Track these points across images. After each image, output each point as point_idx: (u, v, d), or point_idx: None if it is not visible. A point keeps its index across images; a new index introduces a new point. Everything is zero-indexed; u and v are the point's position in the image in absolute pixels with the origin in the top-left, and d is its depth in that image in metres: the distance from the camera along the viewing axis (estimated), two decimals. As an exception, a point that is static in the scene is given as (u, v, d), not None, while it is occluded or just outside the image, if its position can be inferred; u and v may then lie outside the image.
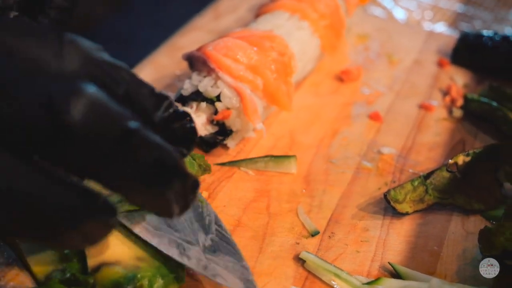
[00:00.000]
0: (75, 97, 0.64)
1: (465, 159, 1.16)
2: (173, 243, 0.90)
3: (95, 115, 0.64)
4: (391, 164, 1.21)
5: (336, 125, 1.30)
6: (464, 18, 1.85)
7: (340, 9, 1.43)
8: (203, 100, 1.16)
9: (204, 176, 1.12)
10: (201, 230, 0.94)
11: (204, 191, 1.09)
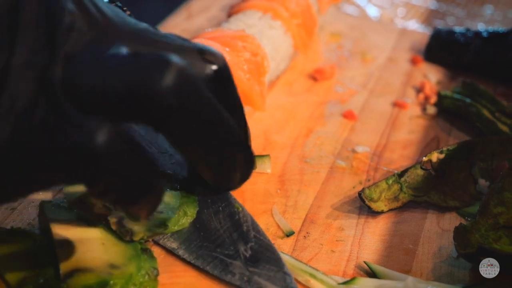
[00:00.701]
0: (167, 67, 0.70)
1: (439, 156, 1.17)
2: (217, 261, 0.92)
3: (183, 83, 0.71)
4: (366, 163, 1.21)
5: (310, 124, 1.30)
6: (437, 15, 1.85)
7: (312, 8, 1.42)
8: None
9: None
10: (240, 240, 0.95)
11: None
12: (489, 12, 1.90)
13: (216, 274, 0.91)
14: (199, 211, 0.98)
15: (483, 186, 1.15)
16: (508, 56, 1.43)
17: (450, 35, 1.53)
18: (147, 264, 0.90)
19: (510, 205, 1.09)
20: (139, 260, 0.90)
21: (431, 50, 1.54)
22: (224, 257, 0.92)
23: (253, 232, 0.97)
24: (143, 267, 0.89)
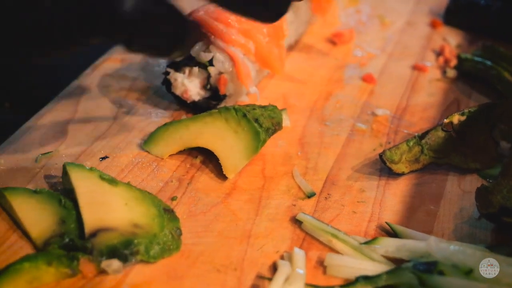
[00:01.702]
0: None
1: (460, 118, 1.16)
2: None
3: None
4: (386, 125, 1.20)
5: (330, 87, 1.29)
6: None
7: (329, -29, 1.42)
8: (196, 65, 1.15)
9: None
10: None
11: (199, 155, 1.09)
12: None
13: None
14: None
15: (504, 148, 1.15)
16: (529, 18, 1.42)
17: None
18: (170, 224, 0.91)
19: (532, 167, 1.09)
20: (163, 220, 0.90)
21: (450, 13, 1.53)
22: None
23: None
24: (167, 226, 0.90)
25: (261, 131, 1.07)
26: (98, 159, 1.06)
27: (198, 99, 1.17)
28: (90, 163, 1.04)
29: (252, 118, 1.08)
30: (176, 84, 1.16)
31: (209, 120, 1.08)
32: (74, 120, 1.15)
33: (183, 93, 1.16)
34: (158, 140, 1.09)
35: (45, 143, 1.09)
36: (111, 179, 0.94)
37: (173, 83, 1.16)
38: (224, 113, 1.08)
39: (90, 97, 1.21)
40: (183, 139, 1.08)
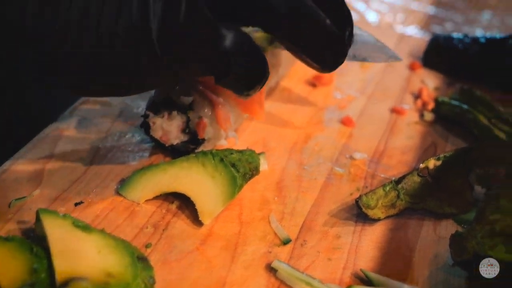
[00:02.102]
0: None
1: (436, 163, 1.17)
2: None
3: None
4: (363, 169, 1.21)
5: (309, 130, 1.30)
6: (435, 20, 1.86)
7: (311, 14, 1.43)
8: (175, 109, 1.15)
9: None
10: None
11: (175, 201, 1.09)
12: (487, 17, 1.90)
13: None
14: None
15: (479, 192, 1.15)
16: (506, 62, 1.44)
17: (448, 41, 1.53)
18: (144, 273, 0.91)
19: (507, 212, 1.09)
20: (136, 268, 0.90)
21: (429, 56, 1.54)
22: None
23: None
24: (140, 276, 0.89)
25: (238, 176, 1.08)
26: (73, 204, 1.06)
27: (176, 143, 1.17)
28: (64, 209, 1.04)
29: (229, 163, 1.09)
30: (155, 127, 1.16)
31: (186, 165, 1.09)
32: (50, 163, 1.15)
33: (162, 136, 1.16)
34: (134, 185, 1.09)
35: (19, 188, 1.09)
36: (85, 226, 0.94)
37: (152, 126, 1.16)
38: (201, 158, 1.09)
39: (68, 140, 1.21)
40: (160, 184, 1.08)
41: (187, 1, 0.85)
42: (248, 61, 0.92)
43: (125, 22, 0.86)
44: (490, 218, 1.08)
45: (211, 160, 1.08)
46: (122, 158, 1.18)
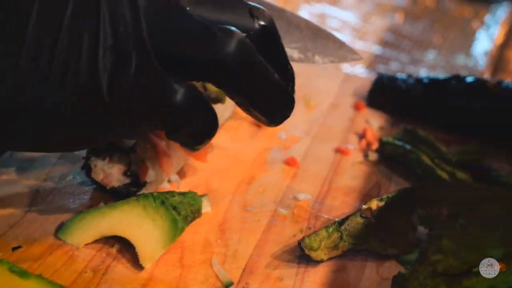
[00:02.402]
0: (230, 37, 0.88)
1: (379, 203, 1.17)
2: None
3: (243, 50, 0.89)
4: (307, 210, 1.21)
5: (253, 171, 1.30)
6: (381, 60, 1.88)
7: (256, 55, 1.43)
8: (117, 151, 1.14)
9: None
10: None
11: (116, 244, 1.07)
12: (432, 57, 1.93)
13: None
14: None
15: (422, 233, 1.16)
16: (449, 103, 1.46)
17: (392, 81, 1.55)
18: None
19: (448, 252, 1.10)
20: None
21: (373, 96, 1.56)
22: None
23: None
24: None
25: (179, 219, 1.07)
26: (11, 249, 1.04)
27: (118, 186, 1.16)
28: (1, 254, 1.02)
29: (171, 205, 1.08)
30: (96, 169, 1.15)
31: (126, 207, 1.08)
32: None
33: (103, 179, 1.15)
34: (74, 228, 1.07)
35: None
36: (22, 271, 0.92)
37: (93, 169, 1.15)
38: (142, 201, 1.08)
39: (7, 182, 1.18)
40: (100, 227, 1.07)
41: (138, 55, 0.84)
42: (198, 117, 0.93)
43: (74, 78, 0.84)
44: (432, 258, 1.09)
45: (152, 203, 1.07)
46: (62, 201, 1.16)
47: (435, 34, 2.09)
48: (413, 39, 2.05)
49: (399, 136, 1.40)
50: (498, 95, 1.41)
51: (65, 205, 1.15)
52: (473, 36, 2.10)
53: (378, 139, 1.41)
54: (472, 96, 1.43)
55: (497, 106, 1.41)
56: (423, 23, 2.16)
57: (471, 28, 2.16)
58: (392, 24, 2.13)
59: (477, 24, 2.19)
